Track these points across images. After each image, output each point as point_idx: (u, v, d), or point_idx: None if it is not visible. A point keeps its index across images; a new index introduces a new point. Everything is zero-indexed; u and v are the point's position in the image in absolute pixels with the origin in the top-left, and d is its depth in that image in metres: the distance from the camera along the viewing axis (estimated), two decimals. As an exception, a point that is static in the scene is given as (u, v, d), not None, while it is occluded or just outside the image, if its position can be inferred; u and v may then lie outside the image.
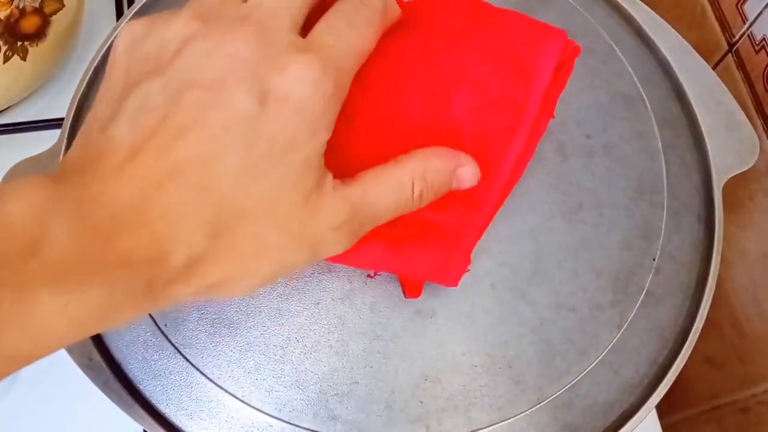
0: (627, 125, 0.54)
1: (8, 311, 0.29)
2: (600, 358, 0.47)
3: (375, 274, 0.48)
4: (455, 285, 0.44)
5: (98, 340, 0.48)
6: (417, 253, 0.42)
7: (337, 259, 0.42)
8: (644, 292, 0.49)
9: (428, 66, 0.43)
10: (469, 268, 0.45)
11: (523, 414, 0.46)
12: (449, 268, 0.43)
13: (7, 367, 0.31)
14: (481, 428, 0.45)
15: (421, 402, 0.45)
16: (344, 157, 0.40)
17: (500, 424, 0.45)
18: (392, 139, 0.42)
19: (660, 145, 0.54)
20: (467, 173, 0.41)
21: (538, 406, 0.46)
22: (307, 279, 0.47)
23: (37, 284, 0.30)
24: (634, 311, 0.49)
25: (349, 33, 0.38)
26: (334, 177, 0.37)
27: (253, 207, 0.34)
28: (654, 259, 0.50)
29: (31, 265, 0.30)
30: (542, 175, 0.51)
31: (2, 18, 0.64)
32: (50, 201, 0.31)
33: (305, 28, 0.37)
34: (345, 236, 0.38)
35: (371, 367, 0.46)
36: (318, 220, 0.36)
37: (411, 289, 0.47)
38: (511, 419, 0.45)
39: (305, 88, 0.34)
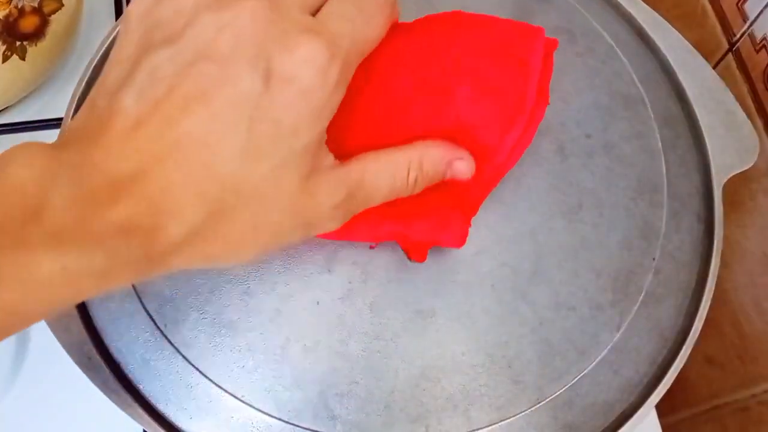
0: (627, 125, 0.54)
1: (7, 269, 0.30)
2: (600, 357, 0.47)
3: (376, 245, 0.48)
4: (460, 246, 0.46)
5: (98, 340, 0.48)
6: (417, 213, 0.43)
7: (337, 234, 0.43)
8: (644, 292, 0.49)
9: (428, 59, 0.44)
10: (471, 224, 0.46)
11: (523, 414, 0.46)
12: (451, 225, 0.44)
13: (6, 325, 0.31)
14: (481, 428, 0.45)
15: (420, 402, 0.45)
16: (346, 141, 0.41)
17: (500, 423, 0.45)
18: (395, 125, 0.43)
19: (660, 144, 0.54)
20: (462, 166, 0.42)
21: (538, 405, 0.46)
22: (306, 279, 0.47)
23: (36, 246, 0.30)
24: (634, 311, 0.48)
25: (360, 20, 0.38)
26: (335, 157, 0.38)
27: (253, 187, 0.35)
28: (654, 259, 0.50)
29: (32, 229, 0.30)
30: (542, 175, 0.51)
31: (1, 17, 0.64)
32: (52, 167, 0.32)
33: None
34: (340, 215, 0.39)
35: (371, 367, 0.46)
36: (316, 200, 0.37)
37: (415, 252, 0.47)
38: (511, 419, 0.45)
39: (311, 73, 0.34)
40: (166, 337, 0.47)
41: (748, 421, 0.70)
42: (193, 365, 0.46)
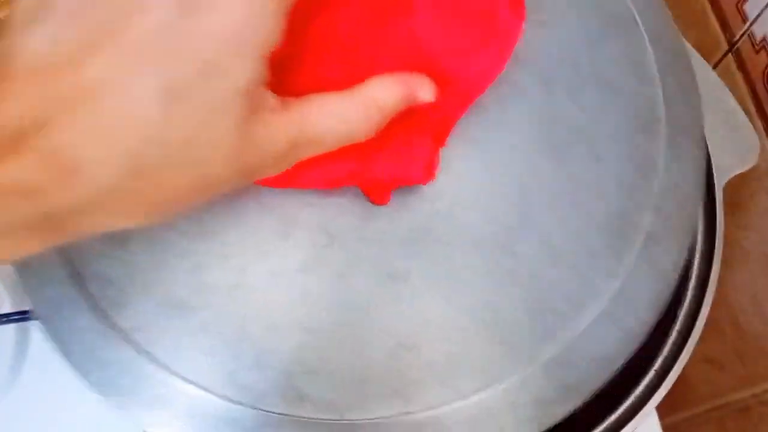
0: (618, 49, 0.51)
1: None
2: (597, 309, 0.44)
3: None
4: (428, 180, 0.44)
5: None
6: (376, 146, 0.40)
7: (281, 182, 0.40)
8: (644, 234, 0.46)
9: None
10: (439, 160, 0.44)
11: (513, 377, 0.43)
12: (416, 155, 0.42)
13: None
14: (468, 396, 0.42)
15: (399, 373, 0.43)
16: (292, 79, 0.39)
17: (488, 390, 0.43)
18: (347, 58, 0.41)
19: (656, 69, 0.51)
20: (423, 95, 0.40)
21: (529, 367, 0.43)
22: (263, 248, 0.44)
23: None
24: (634, 255, 0.46)
25: None
26: (279, 95, 0.35)
27: (180, 136, 0.31)
28: (652, 198, 0.47)
29: None
30: (525, 112, 0.47)
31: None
32: None
33: None
34: (282, 163, 0.37)
35: (341, 340, 0.43)
36: (255, 146, 0.34)
37: (377, 194, 0.44)
38: (500, 384, 0.43)
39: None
40: (111, 323, 0.44)
41: (748, 420, 0.73)
42: (144, 351, 0.43)
